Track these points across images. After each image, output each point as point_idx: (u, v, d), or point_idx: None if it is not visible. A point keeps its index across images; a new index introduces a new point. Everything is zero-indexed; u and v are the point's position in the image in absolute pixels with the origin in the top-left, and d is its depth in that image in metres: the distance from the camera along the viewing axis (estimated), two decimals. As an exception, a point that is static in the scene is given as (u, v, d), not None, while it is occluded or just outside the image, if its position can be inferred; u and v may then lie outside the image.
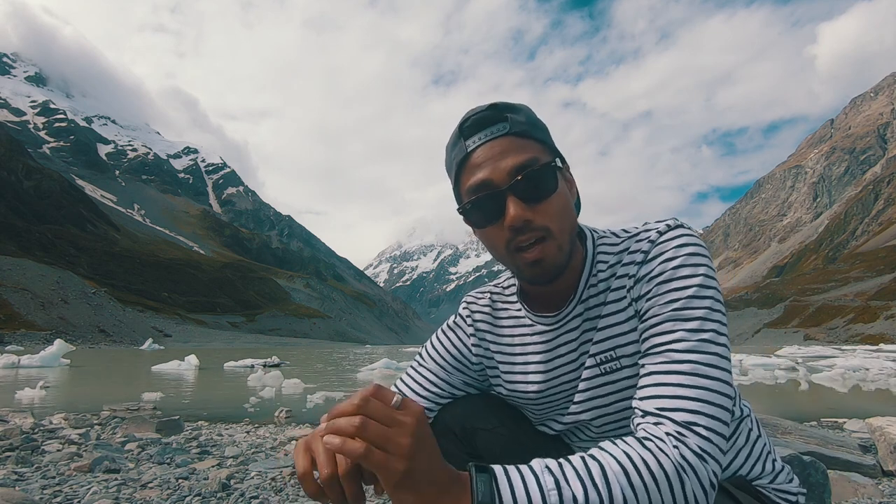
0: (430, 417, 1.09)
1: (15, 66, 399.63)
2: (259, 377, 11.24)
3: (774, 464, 0.99)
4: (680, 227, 0.87)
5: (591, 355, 0.93)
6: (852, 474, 2.82)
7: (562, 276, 0.91)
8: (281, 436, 4.37)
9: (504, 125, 0.85)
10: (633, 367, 0.88)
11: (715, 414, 0.73)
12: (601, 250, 0.95)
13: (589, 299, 0.94)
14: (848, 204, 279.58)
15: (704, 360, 0.76)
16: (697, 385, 0.74)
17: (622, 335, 0.90)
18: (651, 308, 0.83)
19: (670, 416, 0.73)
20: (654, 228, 0.89)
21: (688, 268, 0.82)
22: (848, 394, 9.49)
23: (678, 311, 0.80)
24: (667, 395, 0.75)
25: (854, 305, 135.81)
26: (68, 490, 2.35)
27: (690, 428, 0.71)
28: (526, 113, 0.89)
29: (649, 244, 0.87)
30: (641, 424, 0.75)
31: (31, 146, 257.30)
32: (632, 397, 0.85)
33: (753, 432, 0.99)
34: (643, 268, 0.86)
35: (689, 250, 0.83)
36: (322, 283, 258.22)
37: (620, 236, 0.95)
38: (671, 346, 0.78)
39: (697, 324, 0.78)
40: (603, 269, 0.93)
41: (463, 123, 0.88)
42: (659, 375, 0.77)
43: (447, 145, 0.93)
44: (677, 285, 0.81)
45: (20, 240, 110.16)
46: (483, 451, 1.08)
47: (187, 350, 32.56)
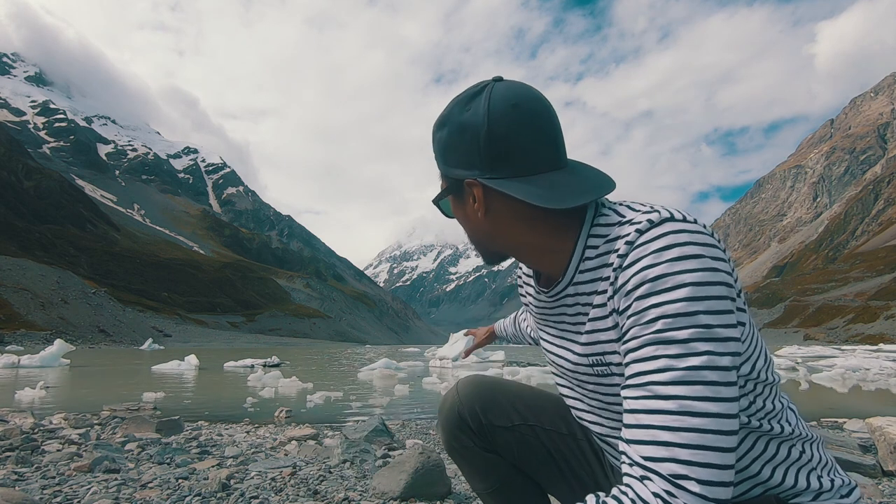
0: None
1: (15, 66, 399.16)
2: (259, 377, 11.24)
3: (821, 479, 0.82)
4: (666, 223, 0.72)
5: (583, 353, 0.87)
6: (852, 474, 2.82)
7: (501, 261, 0.94)
8: (281, 436, 4.37)
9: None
10: (622, 375, 0.78)
11: (711, 461, 0.61)
12: (594, 232, 0.83)
13: (580, 284, 0.85)
14: (848, 204, 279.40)
15: (694, 394, 0.63)
16: (687, 427, 0.62)
17: (608, 343, 0.81)
18: (631, 328, 0.70)
19: (658, 469, 0.62)
20: (637, 223, 0.74)
21: (671, 277, 0.67)
22: (848, 394, 9.49)
23: (660, 332, 0.66)
24: (652, 442, 0.63)
25: (854, 305, 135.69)
26: (68, 490, 2.34)
27: (680, 485, 0.60)
28: (437, 138, 0.88)
29: (627, 246, 0.73)
30: (628, 478, 0.65)
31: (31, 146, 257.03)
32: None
33: (796, 448, 0.83)
34: (620, 276, 0.74)
35: (674, 254, 0.68)
36: (322, 283, 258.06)
37: (619, 215, 0.80)
38: (653, 378, 0.65)
39: (685, 347, 0.64)
40: (592, 255, 0.82)
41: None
42: (642, 415, 0.65)
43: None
44: (658, 300, 0.67)
45: (20, 240, 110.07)
46: (502, 449, 1.07)
47: (187, 350, 32.54)
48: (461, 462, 1.14)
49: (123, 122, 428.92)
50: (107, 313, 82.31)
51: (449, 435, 1.13)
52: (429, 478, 2.39)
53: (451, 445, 1.14)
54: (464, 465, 1.15)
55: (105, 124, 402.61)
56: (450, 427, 1.12)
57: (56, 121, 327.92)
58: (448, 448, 1.16)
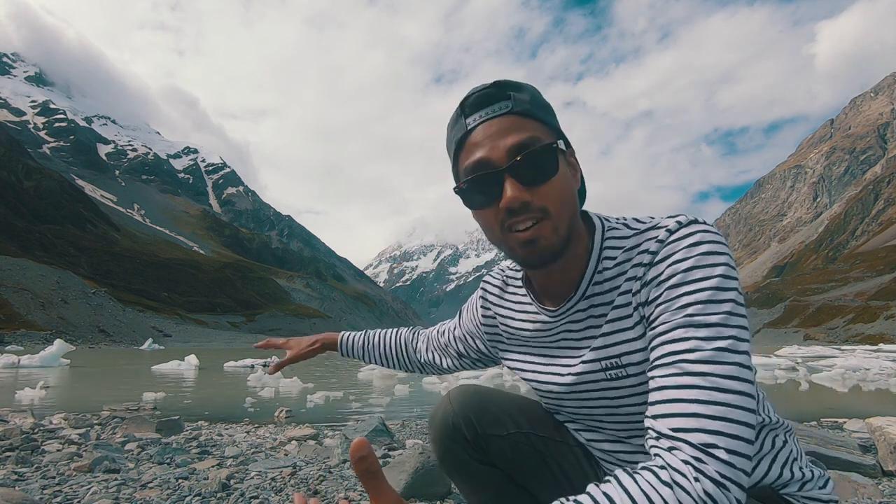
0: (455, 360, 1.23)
1: (15, 66, 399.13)
2: (259, 377, 11.25)
3: (803, 470, 0.91)
4: (693, 224, 0.80)
5: (594, 360, 0.88)
6: (852, 474, 2.81)
7: (556, 261, 0.85)
8: (281, 436, 4.37)
9: (506, 103, 0.81)
10: (640, 375, 0.83)
11: (737, 433, 0.65)
12: (609, 244, 0.87)
13: (594, 296, 0.88)
14: (848, 204, 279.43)
15: (722, 372, 0.68)
16: (715, 401, 0.66)
17: (629, 342, 0.84)
18: (661, 314, 0.76)
19: (687, 438, 0.65)
20: (664, 226, 0.81)
21: (701, 269, 0.74)
22: (848, 394, 9.49)
23: (691, 317, 0.72)
24: (682, 414, 0.67)
25: (854, 305, 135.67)
26: (68, 490, 2.34)
27: (710, 452, 0.64)
28: (531, 92, 0.84)
29: (658, 244, 0.80)
30: (656, 449, 0.68)
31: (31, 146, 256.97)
32: (640, 403, 0.81)
33: (780, 438, 0.92)
34: (651, 270, 0.79)
35: (703, 249, 0.76)
36: (322, 283, 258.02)
37: (632, 228, 0.87)
38: (684, 357, 0.70)
39: (713, 331, 0.70)
40: (609, 265, 0.86)
41: (465, 100, 0.84)
42: (672, 391, 0.70)
43: (448, 123, 0.89)
44: (690, 289, 0.74)
45: (20, 240, 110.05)
46: (497, 458, 1.05)
47: (187, 350, 32.53)
48: (455, 474, 1.12)
49: (123, 122, 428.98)
50: (107, 313, 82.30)
51: (442, 446, 1.10)
52: (429, 478, 2.39)
53: (444, 457, 1.11)
54: (457, 477, 1.13)
55: (105, 124, 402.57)
56: (443, 438, 1.09)
57: (56, 121, 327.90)
58: (441, 460, 1.13)
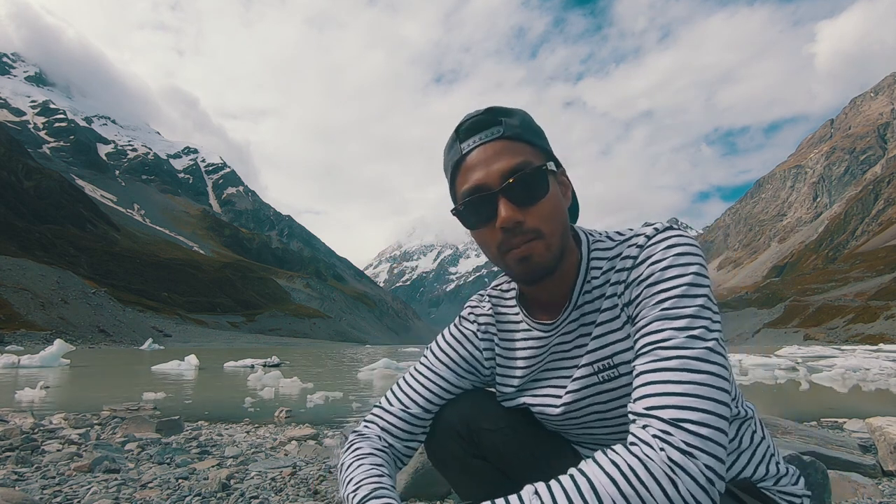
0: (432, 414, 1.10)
1: (15, 66, 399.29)
2: (259, 377, 11.24)
3: (778, 466, 0.97)
4: (669, 230, 0.87)
5: (586, 364, 0.93)
6: (852, 474, 2.81)
7: (551, 276, 0.91)
8: (281, 436, 4.37)
9: (498, 129, 0.87)
10: (629, 374, 0.87)
11: (706, 407, 0.71)
12: (595, 255, 0.94)
13: (584, 305, 0.94)
14: (848, 204, 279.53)
15: (693, 355, 0.75)
16: (685, 380, 0.73)
17: (619, 342, 0.90)
18: (642, 310, 0.83)
19: (658, 414, 0.71)
20: (642, 233, 0.89)
21: (676, 268, 0.81)
22: (848, 394, 9.49)
23: (666, 310, 0.79)
24: (655, 394, 0.74)
25: (854, 305, 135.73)
26: (68, 490, 2.34)
27: (678, 425, 0.69)
28: (521, 117, 0.90)
29: (638, 249, 0.87)
30: (631, 427, 0.74)
31: (31, 146, 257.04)
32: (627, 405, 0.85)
33: (757, 434, 0.98)
34: (632, 272, 0.86)
35: (678, 251, 0.83)
36: (322, 283, 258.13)
37: (614, 240, 0.94)
38: (659, 345, 0.77)
39: (687, 321, 0.77)
40: (597, 275, 0.93)
41: (459, 127, 0.90)
42: (647, 374, 0.76)
43: (444, 148, 0.95)
44: (666, 286, 0.81)
45: (20, 240, 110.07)
46: (489, 452, 1.07)
47: (187, 350, 32.53)
48: (448, 471, 1.14)
49: (123, 122, 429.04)
50: (107, 313, 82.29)
51: (436, 443, 1.11)
52: (429, 478, 2.39)
53: (437, 455, 1.12)
54: (451, 474, 1.14)
55: (105, 124, 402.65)
56: (437, 434, 1.10)
57: (56, 121, 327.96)
58: (433, 457, 1.13)
